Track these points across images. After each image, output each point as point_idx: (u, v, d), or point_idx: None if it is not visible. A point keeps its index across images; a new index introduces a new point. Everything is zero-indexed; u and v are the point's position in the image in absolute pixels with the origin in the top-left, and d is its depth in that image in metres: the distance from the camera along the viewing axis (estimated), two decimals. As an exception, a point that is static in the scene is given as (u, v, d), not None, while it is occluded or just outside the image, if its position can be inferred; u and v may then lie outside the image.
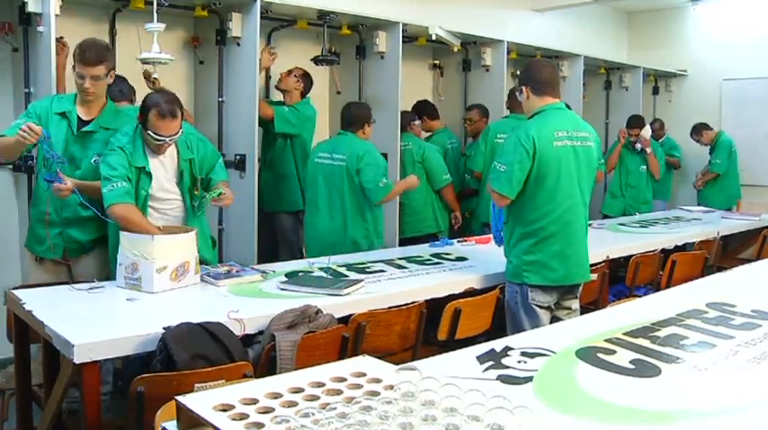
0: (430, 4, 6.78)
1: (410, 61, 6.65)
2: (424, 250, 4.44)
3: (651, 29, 9.57)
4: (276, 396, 1.73)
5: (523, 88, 3.57)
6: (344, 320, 3.06)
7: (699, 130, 8.10)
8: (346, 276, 3.63)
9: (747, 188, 8.26)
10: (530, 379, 2.08)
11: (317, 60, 5.59)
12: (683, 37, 9.29)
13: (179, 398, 1.71)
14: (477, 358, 2.25)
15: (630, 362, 2.27)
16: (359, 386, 1.80)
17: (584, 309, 3.85)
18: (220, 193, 3.64)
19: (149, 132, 3.46)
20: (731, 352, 2.41)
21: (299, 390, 1.76)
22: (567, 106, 3.71)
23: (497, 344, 2.39)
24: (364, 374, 1.88)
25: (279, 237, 5.56)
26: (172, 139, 3.52)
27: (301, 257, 5.26)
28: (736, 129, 8.49)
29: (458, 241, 4.75)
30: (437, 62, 7.17)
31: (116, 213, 3.40)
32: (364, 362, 2.02)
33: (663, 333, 2.61)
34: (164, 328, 2.54)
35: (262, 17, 5.06)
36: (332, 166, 4.72)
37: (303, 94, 5.42)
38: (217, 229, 5.23)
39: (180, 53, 5.33)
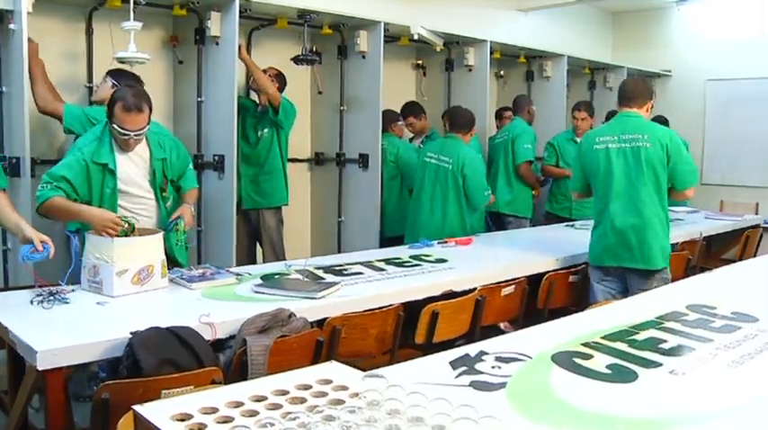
0: (412, 4, 6.71)
1: (393, 61, 6.61)
2: (403, 251, 4.38)
3: (635, 29, 9.55)
4: (237, 405, 1.67)
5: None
6: (321, 324, 3.00)
7: None
8: (323, 279, 3.57)
9: (731, 188, 8.28)
10: (503, 385, 2.03)
11: (296, 60, 5.52)
12: (668, 37, 9.28)
13: (136, 407, 1.66)
14: (451, 363, 2.19)
15: (607, 366, 2.22)
16: (324, 394, 1.75)
17: (567, 311, 3.81)
18: (178, 227, 3.62)
19: (115, 126, 3.42)
20: (710, 355, 2.37)
21: (261, 399, 1.71)
22: (630, 114, 4.04)
23: (472, 349, 2.34)
24: (330, 381, 1.83)
25: (262, 237, 5.51)
26: (138, 134, 3.45)
27: (284, 257, 5.23)
28: (721, 129, 8.49)
29: (438, 242, 4.69)
30: (420, 62, 7.12)
31: (41, 211, 3.38)
32: (332, 369, 1.96)
33: (641, 336, 2.56)
34: (131, 333, 2.48)
35: (241, 16, 5.00)
36: (438, 166, 5.27)
37: None
38: (196, 231, 5.17)
39: (159, 53, 5.25)
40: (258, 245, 5.61)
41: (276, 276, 3.60)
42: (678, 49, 9.13)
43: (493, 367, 2.18)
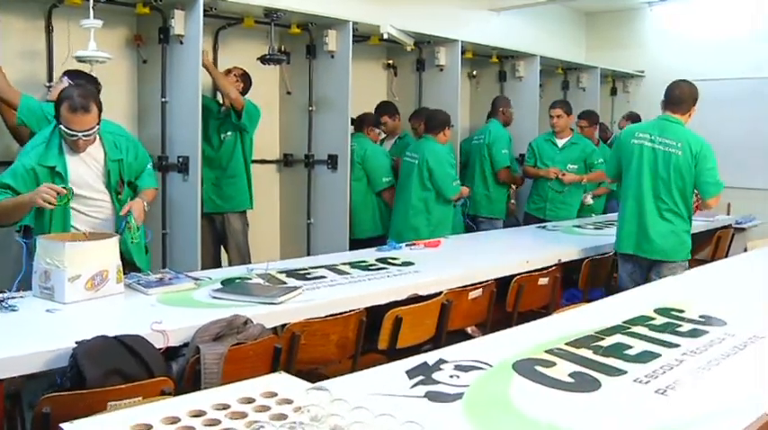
0: (382, 3, 6.63)
1: (363, 61, 6.54)
2: (370, 254, 4.28)
3: (609, 30, 9.54)
4: (174, 420, 1.57)
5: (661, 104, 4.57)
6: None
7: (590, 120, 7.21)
8: (285, 283, 3.47)
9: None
10: (460, 396, 1.94)
11: (263, 59, 5.41)
12: (641, 38, 9.28)
13: (64, 425, 1.56)
14: (407, 373, 2.11)
15: (570, 375, 2.14)
16: (266, 408, 1.65)
17: (537, 315, 3.74)
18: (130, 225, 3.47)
19: (62, 127, 3.30)
20: (676, 362, 2.30)
21: (200, 414, 1.61)
22: (672, 119, 4.40)
23: (431, 357, 2.25)
24: (276, 394, 1.73)
25: (228, 240, 5.39)
26: (86, 135, 3.33)
27: (250, 261, 5.12)
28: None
29: (406, 245, 4.60)
30: (391, 62, 7.02)
31: None
32: (280, 380, 1.87)
33: (607, 342, 2.50)
34: (76, 343, 2.37)
35: (206, 15, 4.92)
36: (409, 163, 5.57)
37: (242, 95, 5.24)
38: (161, 234, 5.07)
39: (122, 52, 5.13)
40: (224, 248, 5.48)
41: (237, 281, 3.50)
42: (651, 50, 9.13)
43: (451, 376, 2.10)
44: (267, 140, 5.96)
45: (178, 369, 2.61)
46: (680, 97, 4.39)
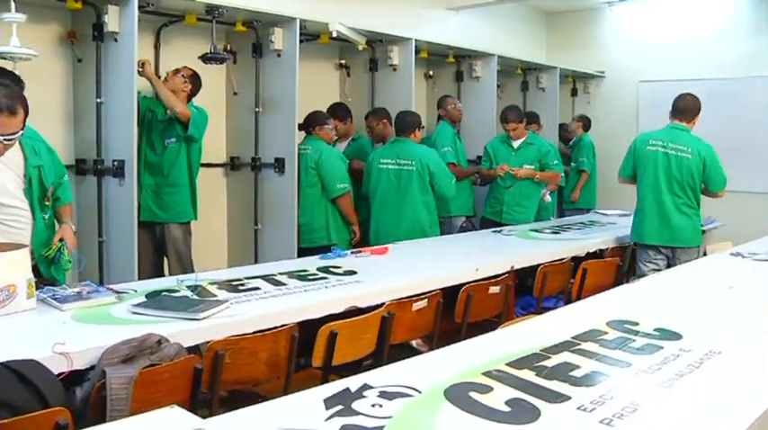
0: (335, 1, 6.41)
1: (314, 60, 6.33)
2: (312, 263, 4.02)
3: (569, 30, 9.45)
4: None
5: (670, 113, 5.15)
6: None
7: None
8: (215, 295, 3.22)
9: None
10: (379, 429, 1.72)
11: (205, 59, 5.13)
12: (601, 38, 9.21)
13: None
14: (325, 401, 1.88)
15: (507, 402, 1.92)
16: (143, 454, 1.42)
17: (490, 324, 3.53)
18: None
19: None
20: (624, 384, 2.09)
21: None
22: (680, 127, 5.07)
23: (354, 382, 2.02)
24: (159, 436, 1.50)
25: (168, 249, 5.10)
26: (9, 139, 3.06)
27: (192, 270, 4.87)
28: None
29: (351, 252, 4.37)
30: (344, 61, 6.80)
31: None
32: (171, 416, 1.63)
33: (552, 361, 2.28)
34: (-44, 372, 2.11)
35: (145, 12, 4.71)
36: (399, 170, 5.45)
37: (190, 97, 4.97)
38: (96, 242, 4.79)
39: (55, 50, 4.86)
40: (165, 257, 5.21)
41: (163, 293, 3.24)
42: (611, 50, 9.08)
43: (373, 405, 1.87)
44: (214, 143, 5.70)
45: (83, 395, 2.36)
46: (685, 108, 5.05)
